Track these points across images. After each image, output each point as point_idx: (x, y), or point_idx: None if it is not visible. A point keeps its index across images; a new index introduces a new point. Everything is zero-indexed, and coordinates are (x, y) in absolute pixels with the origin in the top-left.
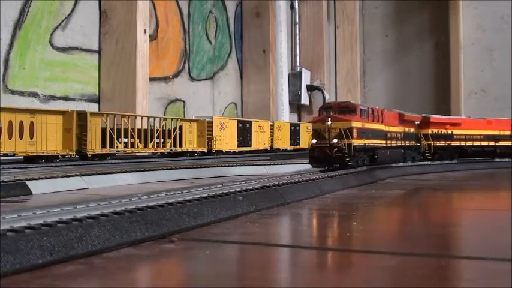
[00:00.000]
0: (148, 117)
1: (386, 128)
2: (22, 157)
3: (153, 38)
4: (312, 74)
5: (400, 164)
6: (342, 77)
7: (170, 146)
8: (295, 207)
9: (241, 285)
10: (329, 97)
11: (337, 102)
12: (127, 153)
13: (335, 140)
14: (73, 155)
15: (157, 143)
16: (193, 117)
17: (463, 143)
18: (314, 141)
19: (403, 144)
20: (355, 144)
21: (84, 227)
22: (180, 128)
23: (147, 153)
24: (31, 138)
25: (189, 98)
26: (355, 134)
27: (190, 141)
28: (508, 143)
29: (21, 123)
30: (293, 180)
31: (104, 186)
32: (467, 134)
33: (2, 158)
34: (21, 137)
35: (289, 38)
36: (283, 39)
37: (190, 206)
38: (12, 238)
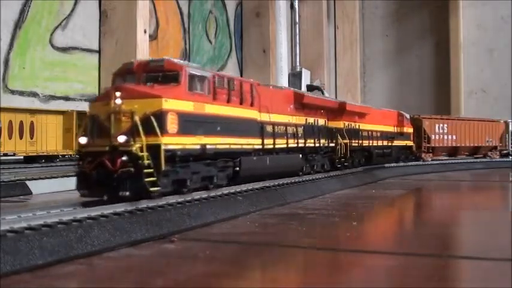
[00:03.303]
0: None
1: (264, 117)
2: (22, 157)
3: (153, 38)
4: (312, 74)
5: (400, 164)
6: (342, 77)
7: None
8: (295, 208)
9: (241, 285)
10: (329, 96)
11: (145, 61)
12: None
13: (122, 139)
14: (73, 155)
15: None
16: None
17: (370, 143)
18: (83, 140)
19: (304, 145)
20: (171, 148)
21: (84, 227)
22: None
23: None
24: (31, 138)
25: None
26: (171, 126)
27: None
28: (400, 143)
29: (21, 123)
30: (293, 181)
31: None
32: (372, 131)
33: (2, 158)
34: (21, 136)
35: (289, 38)
36: (283, 39)
37: (191, 207)
38: (12, 239)
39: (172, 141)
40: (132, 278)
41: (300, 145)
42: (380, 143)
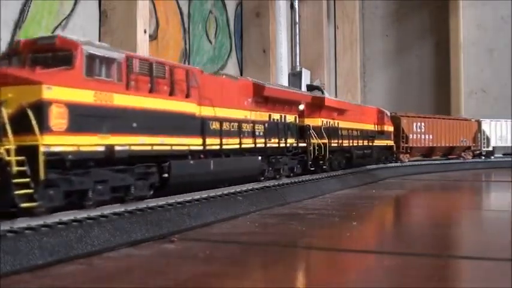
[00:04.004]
0: None
1: (206, 112)
2: None
3: (153, 38)
4: (312, 73)
5: (400, 164)
6: (342, 77)
7: None
8: (295, 208)
9: (241, 285)
10: (329, 96)
11: (34, 39)
12: None
13: None
14: None
15: None
16: None
17: (350, 143)
18: None
19: (264, 146)
20: (58, 150)
21: (84, 227)
22: None
23: None
24: None
25: None
26: (56, 122)
27: None
28: (381, 143)
29: None
30: (293, 181)
31: None
32: (352, 129)
33: None
34: None
35: (289, 38)
36: (283, 39)
37: (190, 207)
38: (12, 239)
39: (60, 141)
40: (132, 278)
41: (260, 145)
42: (360, 142)
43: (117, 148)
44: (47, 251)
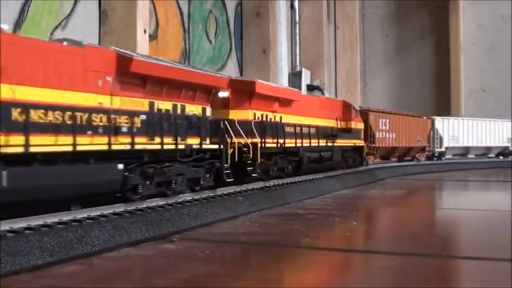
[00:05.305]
0: None
1: None
2: None
3: (153, 38)
4: (312, 73)
5: (400, 164)
6: (342, 76)
7: None
8: (295, 208)
9: (241, 285)
10: (329, 96)
11: None
12: None
13: None
14: None
15: None
16: None
17: (298, 143)
18: None
19: (131, 147)
20: None
21: (84, 227)
22: None
23: None
24: None
25: None
26: None
27: None
28: (347, 143)
29: None
30: (293, 181)
31: None
32: (302, 125)
33: None
34: None
35: (289, 38)
36: (283, 39)
37: (190, 207)
38: (12, 239)
39: None
40: (132, 278)
41: (119, 147)
42: (314, 142)
43: None
44: (47, 251)
